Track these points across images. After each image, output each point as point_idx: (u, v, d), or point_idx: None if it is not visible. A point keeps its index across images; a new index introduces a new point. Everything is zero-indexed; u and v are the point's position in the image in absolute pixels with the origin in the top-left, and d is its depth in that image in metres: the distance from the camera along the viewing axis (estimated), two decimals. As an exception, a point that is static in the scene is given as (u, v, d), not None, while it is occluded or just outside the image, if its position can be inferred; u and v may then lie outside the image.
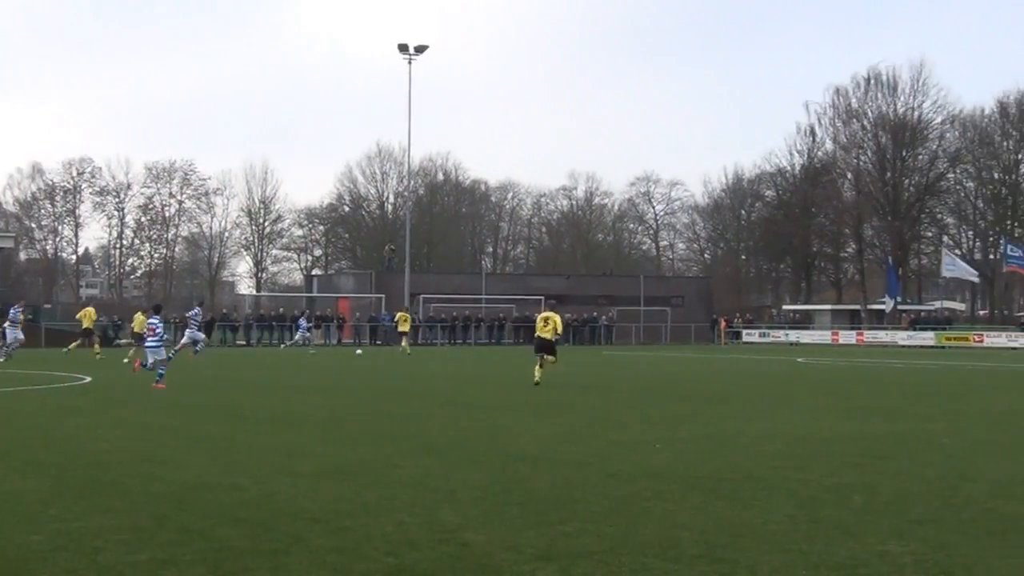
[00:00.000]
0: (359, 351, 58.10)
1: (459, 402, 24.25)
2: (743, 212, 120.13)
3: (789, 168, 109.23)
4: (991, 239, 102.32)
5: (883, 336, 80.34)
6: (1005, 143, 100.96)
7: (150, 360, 28.91)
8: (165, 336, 30.56)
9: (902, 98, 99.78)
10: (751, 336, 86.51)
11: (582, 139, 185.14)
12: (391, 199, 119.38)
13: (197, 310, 45.03)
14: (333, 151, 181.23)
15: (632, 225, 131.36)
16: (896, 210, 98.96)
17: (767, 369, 41.09)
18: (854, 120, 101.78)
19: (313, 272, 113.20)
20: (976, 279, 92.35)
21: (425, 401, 24.56)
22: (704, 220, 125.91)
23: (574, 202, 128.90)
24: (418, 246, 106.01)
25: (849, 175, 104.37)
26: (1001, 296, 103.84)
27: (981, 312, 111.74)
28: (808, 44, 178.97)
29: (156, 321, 29.67)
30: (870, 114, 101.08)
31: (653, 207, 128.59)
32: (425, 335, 76.09)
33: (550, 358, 29.69)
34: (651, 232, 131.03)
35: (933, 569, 8.18)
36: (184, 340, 45.07)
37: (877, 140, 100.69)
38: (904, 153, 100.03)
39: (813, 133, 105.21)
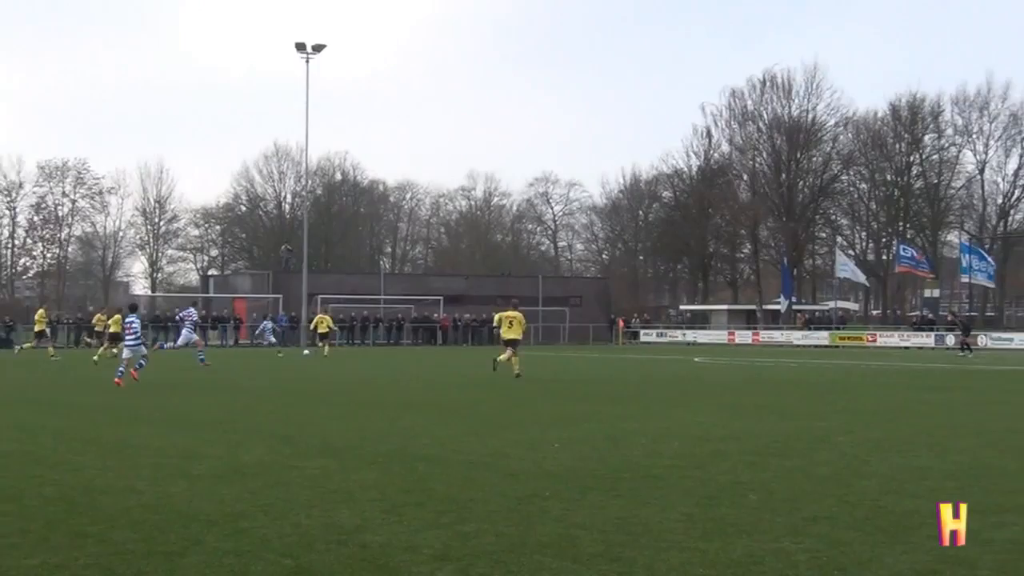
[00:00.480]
0: (306, 352, 57.46)
1: (358, 402, 24.14)
2: (641, 213, 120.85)
3: (686, 169, 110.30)
4: (884, 240, 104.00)
5: (778, 336, 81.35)
6: (897, 145, 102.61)
7: (126, 355, 29.98)
8: (140, 334, 31.37)
9: (796, 100, 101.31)
10: (649, 336, 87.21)
11: (481, 139, 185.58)
12: (288, 199, 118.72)
13: (191, 310, 44.98)
14: (229, 150, 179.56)
15: (531, 225, 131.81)
16: (791, 211, 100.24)
17: (665, 369, 41.39)
18: (749, 122, 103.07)
19: (209, 272, 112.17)
20: (865, 283, 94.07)
21: (323, 402, 24.43)
22: (602, 221, 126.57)
23: (473, 202, 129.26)
24: (316, 246, 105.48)
25: (745, 176, 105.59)
26: (894, 296, 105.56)
27: (874, 312, 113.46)
28: (705, 46, 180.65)
29: (134, 319, 30.78)
30: (765, 116, 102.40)
31: (551, 208, 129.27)
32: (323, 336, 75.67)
33: (516, 356, 32.38)
34: (549, 233, 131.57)
35: (828, 566, 8.28)
36: (180, 341, 44.34)
37: (772, 142, 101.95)
38: (799, 155, 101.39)
39: (709, 135, 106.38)
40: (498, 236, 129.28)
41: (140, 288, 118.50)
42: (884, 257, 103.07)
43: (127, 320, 31.20)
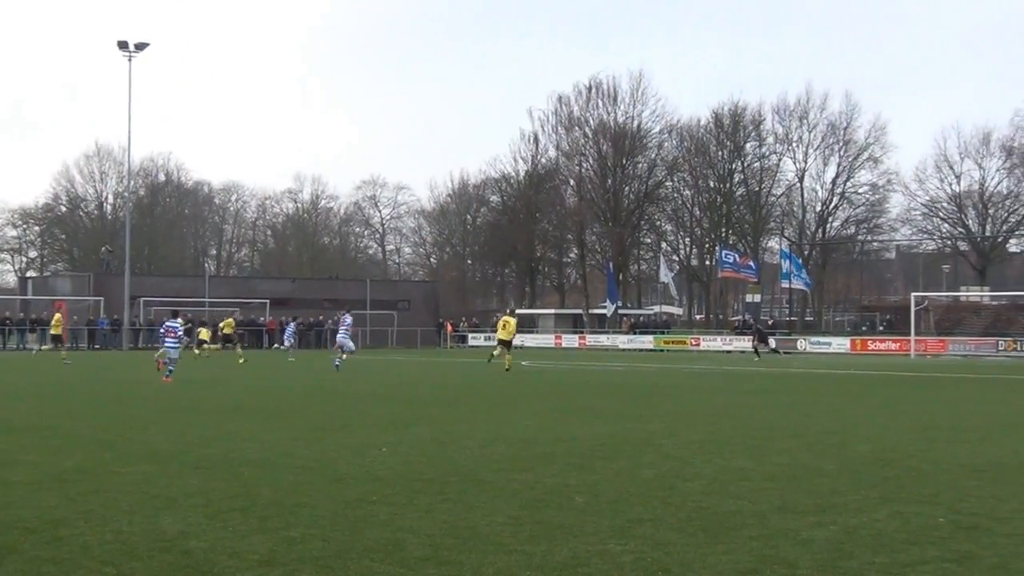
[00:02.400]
0: (292, 358, 55.75)
1: (182, 407, 23.72)
2: (468, 217, 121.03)
3: (514, 174, 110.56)
4: (707, 245, 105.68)
5: (604, 340, 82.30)
6: (720, 153, 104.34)
7: (172, 356, 33.73)
8: (185, 338, 35.78)
9: (622, 107, 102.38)
10: (477, 340, 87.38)
11: (308, 141, 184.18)
12: (110, 199, 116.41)
13: (349, 318, 45.48)
14: (49, 149, 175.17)
15: (358, 229, 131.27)
16: (616, 216, 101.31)
17: (492, 372, 41.51)
18: (576, 128, 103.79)
19: (28, 274, 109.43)
20: (676, 298, 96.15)
21: (146, 406, 23.97)
22: (430, 224, 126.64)
23: (300, 205, 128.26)
24: (138, 248, 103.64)
25: (572, 182, 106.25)
26: (716, 300, 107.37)
27: (698, 316, 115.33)
28: (532, 51, 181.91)
29: (176, 324, 34.56)
30: (591, 122, 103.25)
31: (379, 211, 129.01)
32: (146, 339, 74.50)
33: (508, 355, 39.51)
34: (377, 236, 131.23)
35: (652, 567, 8.39)
36: (345, 348, 44.82)
37: (598, 147, 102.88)
38: (624, 161, 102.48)
39: (536, 140, 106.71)
40: (325, 239, 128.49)
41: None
42: (707, 262, 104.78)
43: (170, 324, 34.48)
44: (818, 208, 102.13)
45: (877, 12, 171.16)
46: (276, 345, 66.62)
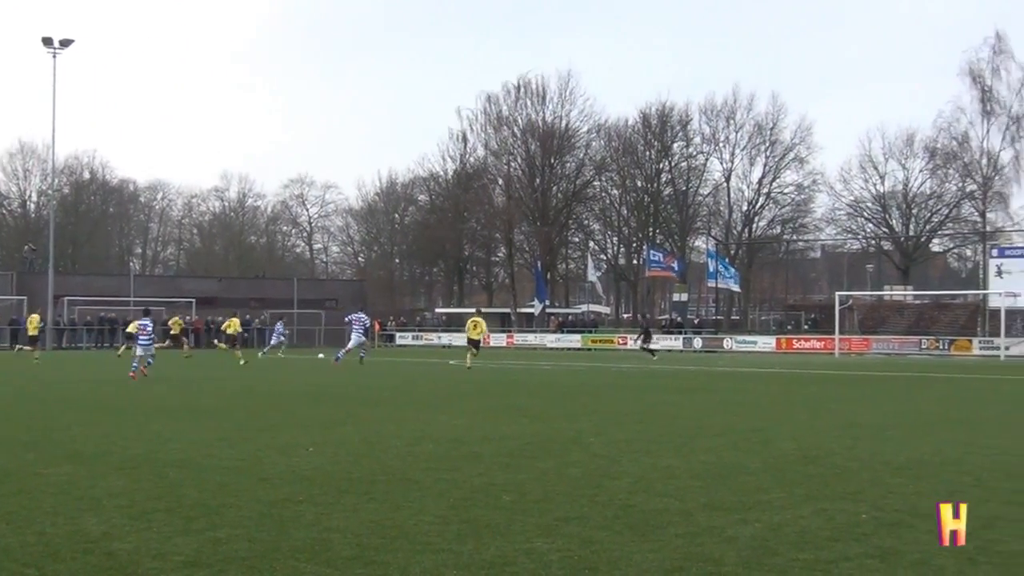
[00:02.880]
0: (321, 355, 55.36)
1: (107, 407, 23.50)
2: (397, 216, 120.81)
3: (442, 173, 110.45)
4: (635, 245, 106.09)
5: (532, 338, 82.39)
6: (647, 152, 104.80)
7: (139, 353, 34.74)
8: (154, 336, 36.79)
9: (550, 107, 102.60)
10: (404, 339, 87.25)
11: (235, 140, 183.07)
12: (34, 197, 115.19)
13: (361, 315, 46.35)
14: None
15: (286, 227, 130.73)
16: (545, 215, 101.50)
17: (421, 371, 41.46)
18: (505, 127, 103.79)
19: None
20: (603, 297, 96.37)
21: (70, 407, 23.73)
22: (358, 223, 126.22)
23: (226, 203, 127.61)
24: (62, 247, 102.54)
25: (500, 181, 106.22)
26: (643, 300, 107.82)
27: (625, 315, 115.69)
28: (462, 50, 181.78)
29: (147, 322, 35.55)
30: (520, 121, 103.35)
31: (307, 210, 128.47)
32: (70, 339, 73.74)
33: (475, 351, 42.87)
34: (305, 235, 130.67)
35: (579, 565, 8.41)
36: (351, 344, 45.78)
37: (527, 147, 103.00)
38: (552, 160, 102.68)
39: (465, 139, 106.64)
40: (252, 238, 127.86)
41: None
42: (635, 261, 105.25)
43: (141, 323, 35.44)
44: (744, 208, 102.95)
45: (804, 14, 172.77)
46: (264, 349, 66.07)
